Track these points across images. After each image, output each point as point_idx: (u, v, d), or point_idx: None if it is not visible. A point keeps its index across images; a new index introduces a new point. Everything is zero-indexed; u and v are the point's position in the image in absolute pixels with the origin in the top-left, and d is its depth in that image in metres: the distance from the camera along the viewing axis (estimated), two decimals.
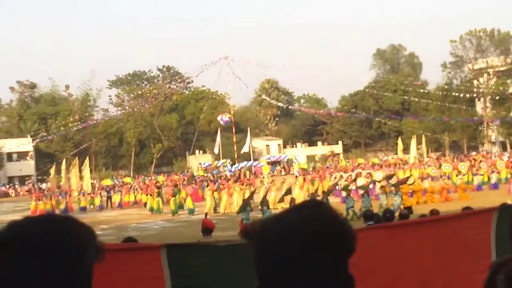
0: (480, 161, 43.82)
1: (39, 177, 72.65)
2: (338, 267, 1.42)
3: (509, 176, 34.19)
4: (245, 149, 65.85)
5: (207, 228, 9.32)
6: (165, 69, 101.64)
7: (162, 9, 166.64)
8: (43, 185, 64.64)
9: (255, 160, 67.86)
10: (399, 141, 62.60)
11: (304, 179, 38.20)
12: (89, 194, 42.11)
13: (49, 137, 71.47)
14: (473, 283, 3.82)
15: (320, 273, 1.39)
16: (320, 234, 1.38)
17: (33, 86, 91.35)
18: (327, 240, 1.38)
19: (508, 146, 70.01)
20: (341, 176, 36.21)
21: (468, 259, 4.33)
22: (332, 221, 1.44)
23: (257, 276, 1.44)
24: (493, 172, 36.33)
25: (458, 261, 4.34)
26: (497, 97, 71.61)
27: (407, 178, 29.44)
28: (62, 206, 38.36)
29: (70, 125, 67.28)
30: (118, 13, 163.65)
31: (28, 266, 1.33)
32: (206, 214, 15.58)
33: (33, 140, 71.14)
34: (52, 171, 55.22)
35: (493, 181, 34.99)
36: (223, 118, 67.35)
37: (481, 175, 35.88)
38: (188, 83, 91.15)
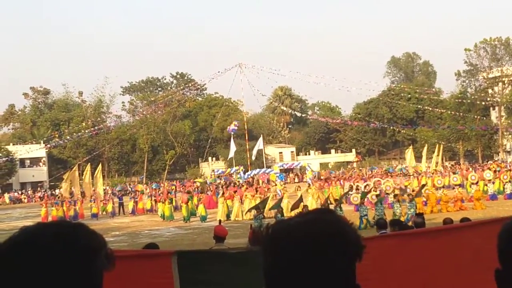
0: (494, 170, 43.32)
1: (52, 183, 73.01)
2: (342, 274, 1.40)
3: None
4: (254, 156, 65.71)
5: (219, 236, 9.21)
6: (178, 76, 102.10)
7: (176, 16, 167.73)
8: (56, 191, 64.94)
9: (268, 167, 67.78)
10: (409, 151, 62.15)
11: (320, 185, 38.17)
12: (101, 200, 42.18)
13: (62, 143, 71.82)
14: None
15: (323, 278, 1.38)
16: (321, 237, 1.39)
17: (46, 92, 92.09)
18: (329, 244, 1.38)
19: None
20: (358, 187, 35.85)
21: (478, 268, 4.25)
22: (336, 226, 1.43)
23: (264, 280, 1.44)
24: (508, 181, 35.84)
25: (468, 270, 4.28)
26: None
27: (422, 187, 29.12)
28: (72, 213, 38.42)
29: (83, 131, 67.56)
30: (131, 20, 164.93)
31: (38, 270, 1.34)
32: (220, 222, 15.48)
33: (46, 146, 71.50)
34: (66, 177, 55.47)
35: (508, 191, 34.54)
36: (230, 128, 67.40)
37: (493, 183, 35.40)
38: (202, 90, 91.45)
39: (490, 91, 74.41)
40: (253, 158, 66.27)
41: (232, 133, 66.30)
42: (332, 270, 1.38)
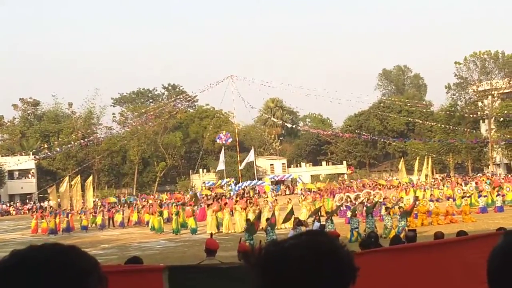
0: (484, 182, 43.60)
1: (41, 195, 72.48)
2: None
3: None
4: (243, 165, 65.67)
5: (211, 249, 9.11)
6: (170, 87, 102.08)
7: (168, 28, 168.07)
8: (45, 203, 64.46)
9: (259, 179, 67.75)
10: (401, 163, 62.50)
11: (312, 198, 38.20)
12: (91, 213, 41.90)
13: (51, 155, 71.42)
14: None
15: None
16: (316, 261, 1.39)
17: (36, 103, 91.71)
18: (324, 268, 1.39)
19: None
20: (348, 198, 35.90)
21: (469, 283, 4.27)
22: (330, 249, 1.42)
23: None
24: (498, 194, 36.04)
25: (459, 284, 4.27)
26: (502, 119, 71.55)
27: (415, 203, 29.15)
28: (64, 225, 38.18)
29: (73, 142, 67.23)
30: (122, 31, 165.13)
31: None
32: (211, 235, 15.37)
33: (35, 157, 71.05)
34: (53, 189, 55.14)
35: (498, 203, 34.71)
36: (221, 136, 67.49)
37: (485, 196, 35.62)
38: (193, 101, 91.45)
39: (479, 104, 74.96)
40: (241, 167, 66.04)
41: (223, 142, 66.32)
42: None
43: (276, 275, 1.38)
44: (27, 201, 73.62)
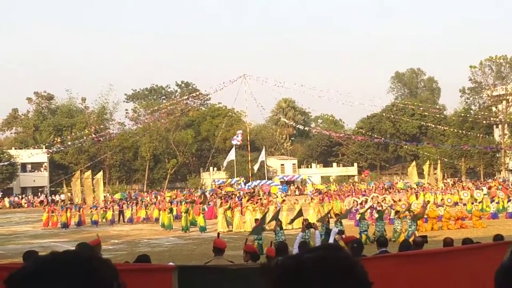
0: (497, 188, 43.29)
1: (52, 189, 72.99)
2: None
3: None
4: (256, 167, 65.86)
5: (218, 248, 9.16)
6: (183, 85, 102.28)
7: (182, 24, 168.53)
8: (56, 197, 64.91)
9: (269, 179, 67.70)
10: (412, 167, 62.15)
11: (320, 199, 38.09)
12: (101, 208, 42.17)
13: (64, 149, 71.86)
14: None
15: None
16: (333, 276, 1.39)
17: (50, 97, 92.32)
18: (340, 283, 1.39)
19: None
20: (355, 202, 35.79)
21: None
22: (346, 264, 1.43)
23: None
24: (509, 200, 35.78)
25: None
26: None
27: (425, 208, 28.99)
28: (76, 219, 38.49)
29: (85, 137, 67.60)
30: (138, 27, 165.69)
31: None
32: (218, 234, 15.41)
33: (47, 151, 71.53)
34: (65, 183, 55.45)
35: (510, 209, 34.47)
36: (234, 138, 67.44)
37: (497, 203, 35.39)
38: (206, 100, 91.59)
39: (494, 109, 74.44)
40: (256, 169, 66.32)
41: (235, 144, 66.33)
42: None
43: (285, 284, 1.39)
44: (39, 194, 74.20)
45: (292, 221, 27.36)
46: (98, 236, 13.25)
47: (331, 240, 15.89)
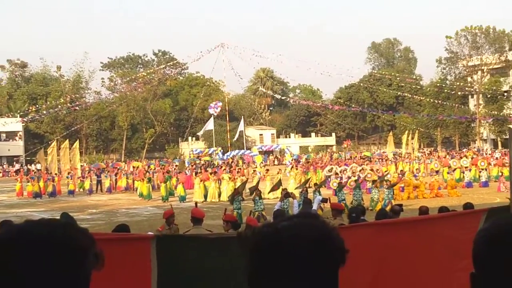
0: (472, 157, 43.94)
1: (28, 158, 72.16)
2: (327, 278, 1.43)
3: (499, 174, 34.18)
4: (236, 138, 65.97)
5: (197, 217, 9.19)
6: (160, 54, 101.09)
7: None
8: (32, 166, 64.26)
9: (248, 149, 67.86)
10: (390, 137, 62.69)
11: (302, 169, 38.34)
12: (78, 177, 41.82)
13: (39, 118, 70.92)
14: (453, 280, 4.09)
15: (309, 283, 1.41)
16: (308, 243, 1.41)
17: (24, 65, 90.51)
18: (316, 250, 1.41)
19: (499, 144, 70.24)
20: (333, 170, 36.05)
21: (450, 258, 4.36)
22: (322, 231, 1.45)
23: (247, 280, 1.45)
24: (482, 169, 36.44)
25: (442, 259, 4.37)
26: (489, 95, 71.94)
27: (401, 178, 29.35)
28: (50, 189, 38.00)
29: (61, 106, 66.67)
30: None
31: (28, 269, 1.34)
32: (196, 204, 15.46)
33: (22, 120, 70.48)
34: (41, 152, 54.85)
35: (483, 179, 35.13)
36: (215, 105, 67.24)
37: (470, 170, 35.97)
38: (183, 69, 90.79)
39: (469, 79, 75.11)
40: (235, 139, 66.37)
41: (213, 113, 66.22)
42: (318, 275, 1.41)
43: (269, 258, 1.41)
44: (14, 163, 73.32)
45: (271, 190, 27.57)
46: (172, 206, 13.33)
47: (314, 207, 16.06)
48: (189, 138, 79.71)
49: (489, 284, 1.42)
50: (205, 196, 31.56)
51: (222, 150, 63.98)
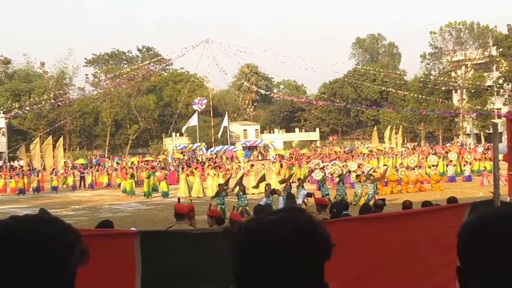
0: (448, 151, 44.21)
1: (11, 155, 71.42)
2: (313, 272, 1.44)
3: (482, 168, 34.54)
4: (220, 133, 65.93)
5: (180, 213, 9.17)
6: (144, 50, 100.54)
7: None
8: (15, 163, 63.65)
9: (232, 144, 67.82)
10: (374, 132, 63.02)
11: (281, 165, 38.26)
12: (62, 173, 41.58)
13: (22, 114, 70.26)
14: (437, 274, 4.16)
15: (295, 277, 1.41)
16: (294, 237, 1.42)
17: (7, 61, 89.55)
18: (302, 244, 1.41)
19: (482, 139, 70.94)
20: (317, 165, 36.18)
21: (434, 251, 4.40)
22: (308, 225, 1.46)
23: (234, 275, 1.45)
24: (466, 164, 36.78)
25: (425, 253, 4.41)
26: (473, 90, 72.60)
27: (385, 171, 29.48)
28: (34, 185, 37.75)
29: (44, 102, 66.08)
30: None
31: (14, 265, 1.34)
32: (178, 199, 15.41)
33: (5, 116, 69.76)
34: (23, 149, 54.33)
35: (466, 173, 35.45)
36: (199, 101, 67.12)
37: (454, 165, 36.27)
38: (168, 65, 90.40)
39: (453, 74, 75.71)
40: (219, 135, 66.31)
41: (197, 109, 66.12)
42: (304, 269, 1.41)
43: (255, 252, 1.41)
44: None
45: (256, 186, 27.58)
46: (191, 201, 13.25)
47: (299, 202, 16.10)
48: (173, 134, 79.44)
49: (475, 277, 1.43)
50: (189, 192, 31.42)
51: (206, 146, 63.92)
